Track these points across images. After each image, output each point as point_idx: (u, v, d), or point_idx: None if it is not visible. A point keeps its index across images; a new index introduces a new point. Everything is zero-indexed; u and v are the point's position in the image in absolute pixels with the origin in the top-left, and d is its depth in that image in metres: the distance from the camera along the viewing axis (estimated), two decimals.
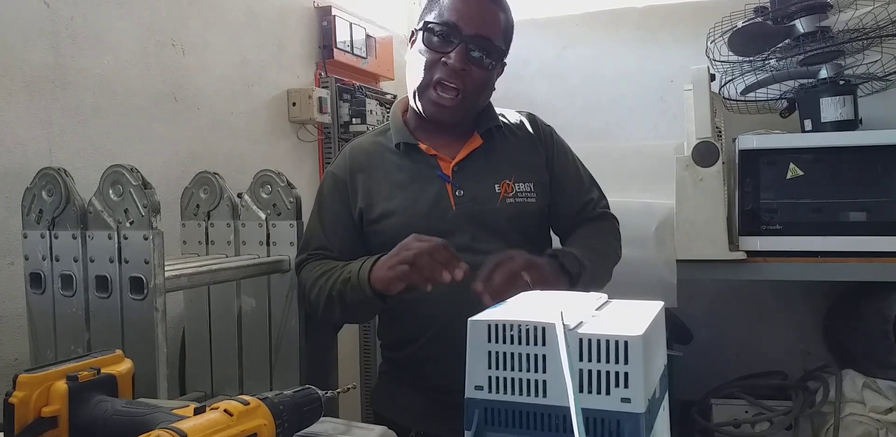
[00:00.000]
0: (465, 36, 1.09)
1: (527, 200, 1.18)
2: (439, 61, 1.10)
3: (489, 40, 1.11)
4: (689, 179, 1.64)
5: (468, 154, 1.18)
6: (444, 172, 1.17)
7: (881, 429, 1.67)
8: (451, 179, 1.16)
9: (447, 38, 1.10)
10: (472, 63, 1.11)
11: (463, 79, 1.10)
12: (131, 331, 1.03)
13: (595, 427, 0.57)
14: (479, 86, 1.13)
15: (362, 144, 1.25)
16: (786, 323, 2.16)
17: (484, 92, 1.17)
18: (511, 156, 1.20)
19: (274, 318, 1.32)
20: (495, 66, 1.15)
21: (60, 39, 1.34)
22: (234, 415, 0.59)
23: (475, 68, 1.11)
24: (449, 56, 1.09)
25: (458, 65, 1.09)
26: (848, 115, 1.69)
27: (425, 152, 1.18)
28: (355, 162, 1.22)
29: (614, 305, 0.72)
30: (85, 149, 1.38)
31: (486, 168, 1.18)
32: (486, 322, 0.61)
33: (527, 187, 1.18)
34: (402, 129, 1.21)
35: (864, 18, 1.63)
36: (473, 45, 1.10)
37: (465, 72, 1.10)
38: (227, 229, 1.34)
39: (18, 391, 0.67)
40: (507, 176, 1.18)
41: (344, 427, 0.76)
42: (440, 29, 1.11)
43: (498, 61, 1.15)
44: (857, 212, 1.62)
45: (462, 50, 1.09)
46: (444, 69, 1.10)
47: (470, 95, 1.13)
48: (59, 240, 1.08)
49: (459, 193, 1.16)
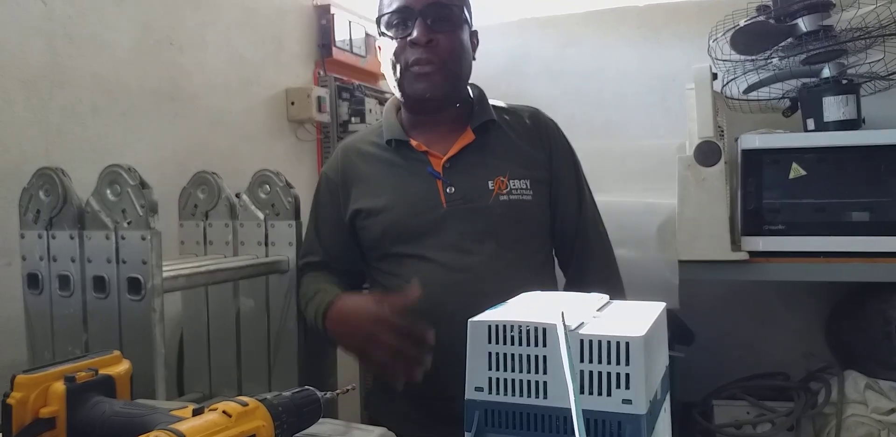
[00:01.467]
0: (418, 10, 1.10)
1: (522, 198, 1.15)
2: (406, 45, 1.11)
3: (443, 5, 1.11)
4: (691, 179, 1.63)
5: (460, 150, 1.16)
6: (434, 168, 1.15)
7: (883, 430, 1.66)
8: (441, 176, 1.14)
9: (402, 21, 1.11)
10: (436, 32, 1.10)
11: (434, 51, 1.10)
12: (129, 332, 1.03)
13: (596, 429, 0.56)
14: (453, 51, 1.12)
15: (354, 143, 1.25)
16: (788, 324, 2.16)
17: (462, 58, 1.15)
18: (507, 151, 1.18)
19: (272, 319, 1.32)
20: (461, 27, 1.14)
21: (57, 38, 1.33)
22: (232, 416, 0.58)
23: (442, 36, 1.11)
24: (412, 33, 1.09)
25: (422, 38, 1.09)
26: (851, 114, 1.69)
27: (416, 149, 1.16)
28: (347, 162, 1.22)
29: (616, 305, 0.71)
30: (82, 148, 1.38)
31: (478, 164, 1.16)
32: (487, 323, 0.61)
33: (522, 184, 1.15)
34: (393, 125, 1.19)
35: (867, 17, 1.62)
36: (430, 15, 1.10)
37: (433, 42, 1.10)
38: (225, 229, 1.33)
39: (16, 391, 0.67)
40: (502, 172, 1.15)
41: (343, 429, 0.75)
42: (393, 16, 1.12)
43: (461, 21, 1.14)
44: (861, 212, 1.61)
45: (421, 24, 1.09)
46: (413, 50, 1.10)
47: (448, 63, 1.12)
48: (56, 240, 1.08)
49: (450, 190, 1.13)
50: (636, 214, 1.66)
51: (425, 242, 1.13)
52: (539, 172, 1.19)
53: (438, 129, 1.19)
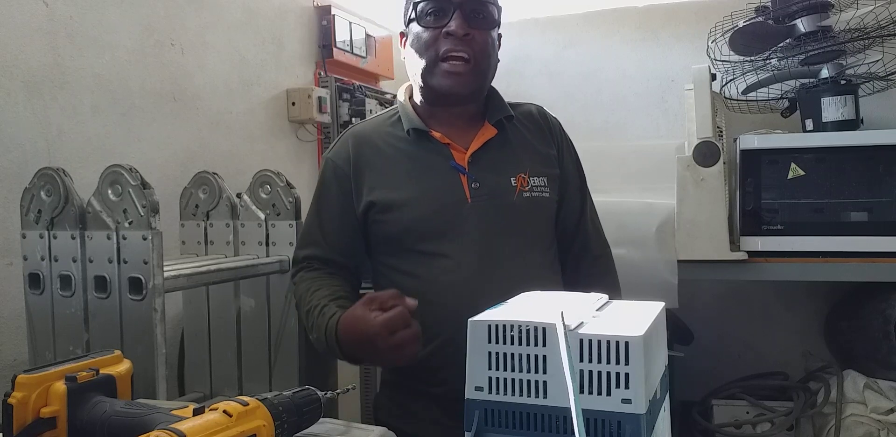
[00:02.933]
0: (457, 2, 1.07)
1: (542, 195, 1.14)
2: (440, 34, 1.08)
3: (482, 2, 1.09)
4: (690, 179, 1.64)
5: (483, 144, 1.13)
6: (458, 162, 1.12)
7: (882, 430, 1.67)
8: (466, 171, 1.12)
9: (441, 9, 1.08)
10: (473, 27, 1.08)
11: (469, 44, 1.08)
12: (130, 331, 1.03)
13: (596, 428, 0.56)
14: (485, 50, 1.10)
15: (366, 132, 1.19)
16: (787, 324, 2.16)
17: (491, 58, 1.13)
18: (525, 148, 1.16)
19: (273, 318, 1.32)
20: (495, 26, 1.13)
21: (59, 39, 1.33)
22: (233, 416, 0.58)
23: (477, 32, 1.08)
24: (449, 25, 1.07)
25: (460, 31, 1.06)
26: (849, 114, 1.69)
27: (438, 141, 1.12)
28: (359, 151, 1.16)
29: (615, 305, 0.72)
30: (84, 149, 1.38)
31: (501, 160, 1.14)
32: (487, 323, 0.61)
33: (541, 181, 1.15)
34: (412, 115, 1.15)
35: (866, 18, 1.62)
36: (469, 9, 1.08)
37: (469, 36, 1.07)
38: (226, 229, 1.33)
39: (17, 391, 0.67)
40: (523, 169, 1.14)
41: (343, 428, 0.75)
42: (430, 4, 1.09)
43: (495, 21, 1.12)
44: (859, 212, 1.61)
45: (460, 15, 1.07)
46: (447, 40, 1.07)
47: (480, 61, 1.10)
48: (57, 240, 1.08)
49: (475, 186, 1.11)
50: (635, 214, 1.66)
51: (447, 238, 1.10)
52: (553, 170, 1.18)
53: (457, 121, 1.16)
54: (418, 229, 1.11)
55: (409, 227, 1.11)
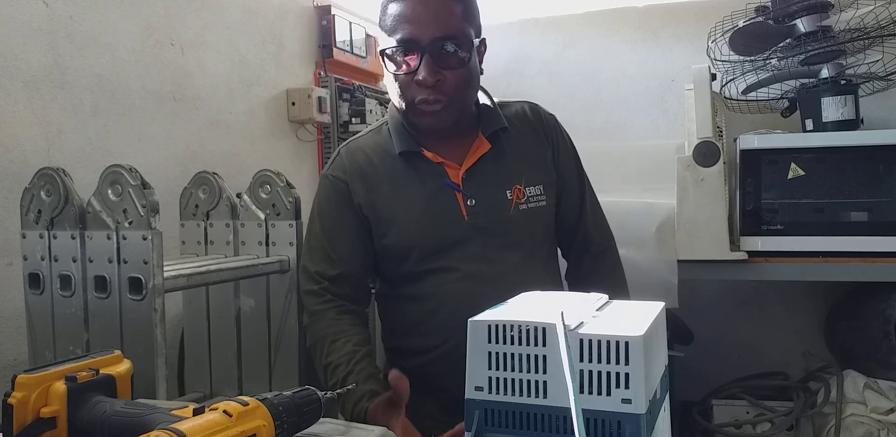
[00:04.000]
0: (424, 45, 1.02)
1: (538, 205, 1.14)
2: (412, 81, 1.05)
3: (451, 37, 1.03)
4: (690, 179, 1.64)
5: (477, 160, 1.13)
6: (452, 180, 1.12)
7: (882, 430, 1.67)
8: (461, 188, 1.11)
9: (408, 52, 1.04)
10: (444, 68, 1.04)
11: (441, 89, 1.05)
12: (130, 331, 1.03)
13: (596, 428, 0.56)
14: (460, 85, 1.06)
15: (359, 146, 1.19)
16: (787, 324, 2.16)
17: (469, 87, 1.10)
18: (520, 157, 1.16)
19: (273, 318, 1.32)
20: (470, 58, 1.07)
21: (59, 39, 1.33)
22: (233, 416, 0.58)
23: (449, 72, 1.04)
24: (418, 72, 1.03)
25: (429, 80, 1.03)
26: (849, 114, 1.69)
27: (431, 160, 1.12)
28: (353, 165, 1.16)
29: (615, 305, 0.72)
30: (84, 149, 1.38)
31: (496, 174, 1.13)
32: (487, 323, 0.61)
33: (537, 190, 1.14)
34: (403, 135, 1.14)
35: (866, 18, 1.62)
36: (437, 51, 1.03)
37: (440, 81, 1.04)
38: (226, 229, 1.33)
39: (17, 391, 0.67)
40: (518, 180, 1.13)
41: (343, 428, 0.75)
42: (397, 49, 1.04)
43: (470, 50, 1.07)
44: (859, 212, 1.62)
45: (427, 61, 1.02)
46: (418, 88, 1.05)
47: (456, 97, 1.07)
48: (57, 240, 1.08)
49: (471, 203, 1.11)
50: (635, 215, 1.66)
51: (447, 255, 1.11)
52: (549, 175, 1.18)
53: (450, 137, 1.14)
54: (417, 248, 1.12)
55: (409, 246, 1.12)
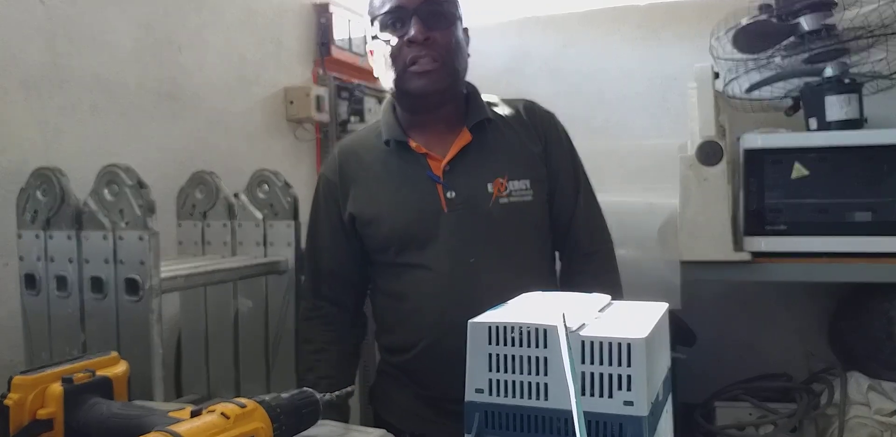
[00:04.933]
0: (412, 9, 1.10)
1: (522, 199, 1.14)
2: (403, 43, 1.11)
3: (436, 3, 1.12)
4: (692, 179, 1.63)
5: (458, 152, 1.14)
6: (434, 172, 1.14)
7: (886, 431, 1.66)
8: (441, 181, 1.13)
9: (397, 20, 1.12)
10: (432, 29, 1.11)
11: (432, 47, 1.11)
12: (127, 333, 1.03)
13: (597, 431, 0.56)
14: (450, 47, 1.13)
15: (351, 143, 1.24)
16: (790, 325, 2.15)
17: (459, 53, 1.16)
18: (504, 150, 1.16)
19: (271, 319, 1.32)
20: (455, 23, 1.15)
21: (57, 38, 1.33)
22: (230, 418, 0.58)
23: (438, 33, 1.11)
24: (409, 32, 1.10)
25: (419, 36, 1.09)
26: (853, 113, 1.68)
27: (415, 151, 1.15)
28: (345, 162, 1.20)
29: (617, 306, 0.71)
30: (81, 148, 1.37)
31: (477, 166, 1.14)
32: (487, 324, 0.60)
33: (522, 185, 1.14)
34: (392, 125, 1.18)
35: (870, 16, 1.61)
36: (424, 13, 1.11)
37: (430, 39, 1.10)
38: (223, 229, 1.33)
39: (13, 393, 0.67)
40: (500, 174, 1.14)
41: (342, 430, 0.75)
42: (387, 17, 1.13)
43: (455, 18, 1.16)
44: (863, 212, 1.61)
45: (417, 21, 1.10)
46: (411, 48, 1.11)
47: (447, 59, 1.13)
48: (53, 240, 1.08)
49: (451, 195, 1.12)
50: (637, 215, 1.66)
51: (427, 248, 1.12)
52: (538, 170, 1.17)
53: (436, 128, 1.17)
54: (397, 240, 1.14)
55: (389, 238, 1.14)
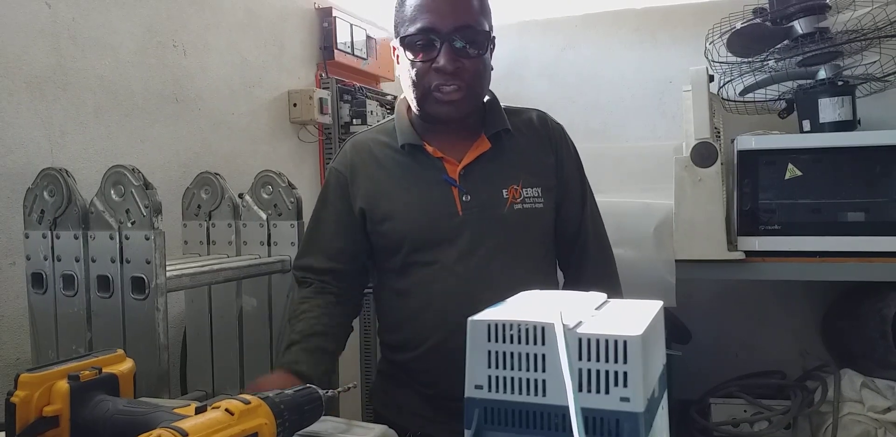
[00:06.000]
0: (445, 34, 1.05)
1: (535, 206, 1.15)
2: (430, 68, 1.07)
3: (470, 28, 1.07)
4: (687, 180, 1.65)
5: (476, 158, 1.15)
6: (450, 175, 1.13)
7: (879, 428, 1.67)
8: (457, 184, 1.13)
9: (428, 43, 1.07)
10: (462, 57, 1.07)
11: (460, 76, 1.07)
12: (133, 331, 1.04)
13: (594, 427, 0.57)
14: (476, 75, 1.09)
15: (365, 140, 1.21)
16: (784, 323, 2.17)
17: (484, 78, 1.12)
18: (519, 159, 1.17)
19: (275, 317, 1.33)
20: (486, 49, 1.10)
21: (62, 40, 1.34)
22: (235, 414, 0.59)
23: (467, 61, 1.07)
24: (437, 60, 1.06)
25: (449, 67, 1.06)
26: (846, 115, 1.70)
27: (431, 155, 1.14)
28: (357, 158, 1.19)
29: (613, 304, 0.72)
30: (86, 149, 1.39)
31: (493, 172, 1.15)
32: (486, 322, 0.62)
33: (535, 192, 1.15)
34: (408, 129, 1.16)
35: (863, 19, 1.63)
36: (457, 40, 1.06)
37: (459, 69, 1.07)
38: (228, 229, 1.34)
39: (20, 390, 0.67)
40: (515, 181, 1.15)
41: (344, 426, 0.76)
42: (418, 37, 1.07)
43: (486, 44, 1.10)
44: (856, 212, 1.62)
45: (448, 50, 1.06)
46: (437, 75, 1.07)
47: (472, 87, 1.10)
48: (60, 240, 1.09)
49: (466, 199, 1.13)
50: (634, 215, 1.67)
51: (440, 250, 1.12)
52: (549, 180, 1.19)
53: (453, 134, 1.16)
54: (411, 240, 1.13)
55: (402, 238, 1.13)
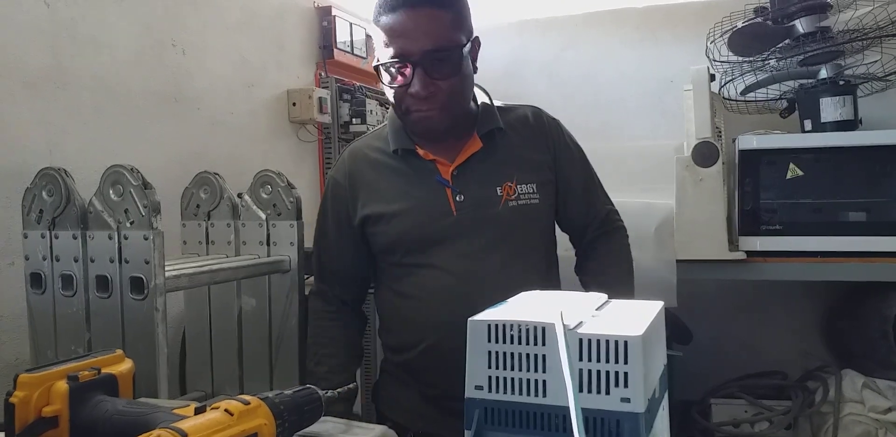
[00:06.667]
0: (416, 59, 1.05)
1: (530, 202, 1.16)
2: (406, 93, 1.08)
3: (442, 49, 1.05)
4: (689, 180, 1.64)
5: (468, 158, 1.15)
6: (443, 176, 1.15)
7: (880, 429, 1.67)
8: (450, 184, 1.14)
9: (400, 68, 1.07)
10: (436, 78, 1.06)
11: (434, 98, 1.07)
12: (132, 331, 1.03)
13: (595, 427, 0.57)
14: (452, 95, 1.09)
15: (361, 147, 1.23)
16: (785, 323, 2.16)
17: (463, 93, 1.13)
18: (513, 156, 1.18)
19: (274, 318, 1.32)
20: (460, 66, 1.09)
21: (60, 40, 1.34)
22: (234, 415, 0.59)
23: (442, 82, 1.07)
24: (412, 85, 1.06)
25: (422, 93, 1.06)
26: (848, 115, 1.70)
27: (423, 158, 1.15)
28: (354, 166, 1.21)
29: (614, 305, 0.72)
30: (85, 149, 1.38)
31: (486, 171, 1.16)
32: (487, 322, 0.61)
33: (529, 188, 1.16)
34: (399, 133, 1.17)
35: (864, 19, 1.63)
36: (429, 64, 1.05)
37: (433, 92, 1.07)
38: (227, 229, 1.34)
39: (19, 390, 0.67)
40: (509, 178, 1.16)
41: (344, 427, 0.76)
42: (390, 64, 1.07)
43: (462, 59, 1.09)
44: (857, 212, 1.62)
45: (420, 74, 1.05)
46: (412, 99, 1.08)
47: (449, 104, 1.10)
48: (59, 240, 1.08)
49: (460, 199, 1.13)
50: (634, 215, 1.66)
51: (435, 250, 1.13)
52: (544, 174, 1.19)
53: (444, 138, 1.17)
54: (406, 241, 1.15)
55: (398, 239, 1.15)
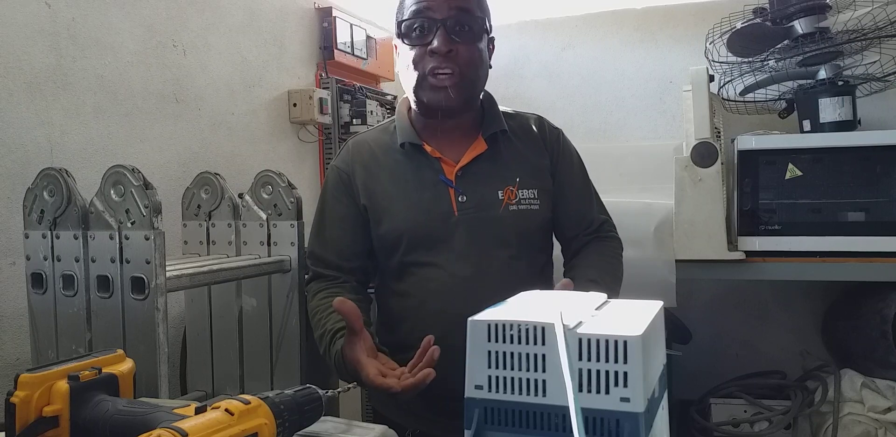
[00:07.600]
0: (440, 19, 1.08)
1: (530, 208, 1.17)
2: (426, 53, 1.09)
3: (466, 12, 1.09)
4: (688, 180, 1.65)
5: (472, 159, 1.16)
6: (447, 176, 1.15)
7: (879, 429, 1.68)
8: (454, 185, 1.14)
9: (424, 27, 1.09)
10: (457, 42, 1.09)
11: (454, 60, 1.09)
12: (132, 331, 1.04)
13: (594, 427, 0.57)
14: (472, 62, 1.11)
15: (366, 140, 1.23)
16: (785, 323, 2.17)
17: (480, 68, 1.14)
18: (516, 161, 1.18)
19: (275, 317, 1.33)
20: (481, 38, 1.12)
21: (61, 40, 1.34)
22: (234, 414, 0.59)
23: (462, 47, 1.09)
24: (432, 43, 1.08)
25: (443, 48, 1.07)
26: (846, 115, 1.70)
27: (430, 155, 1.16)
28: (358, 156, 1.21)
29: (613, 304, 0.72)
30: (86, 149, 1.39)
31: (490, 174, 1.16)
32: (486, 322, 0.62)
33: (530, 194, 1.17)
34: (407, 128, 1.18)
35: (863, 19, 1.63)
36: (452, 24, 1.08)
37: (453, 52, 1.08)
38: (228, 229, 1.34)
39: (20, 390, 0.67)
40: (511, 182, 1.16)
41: (344, 426, 0.76)
42: (414, 22, 1.09)
43: (482, 32, 1.12)
44: (856, 212, 1.63)
45: (442, 33, 1.08)
46: (432, 58, 1.09)
47: (466, 74, 1.11)
48: (60, 240, 1.08)
49: (462, 199, 1.14)
50: (634, 215, 1.67)
51: (436, 250, 1.13)
52: (545, 181, 1.20)
53: (451, 134, 1.18)
54: (407, 240, 1.15)
55: (399, 238, 1.15)
